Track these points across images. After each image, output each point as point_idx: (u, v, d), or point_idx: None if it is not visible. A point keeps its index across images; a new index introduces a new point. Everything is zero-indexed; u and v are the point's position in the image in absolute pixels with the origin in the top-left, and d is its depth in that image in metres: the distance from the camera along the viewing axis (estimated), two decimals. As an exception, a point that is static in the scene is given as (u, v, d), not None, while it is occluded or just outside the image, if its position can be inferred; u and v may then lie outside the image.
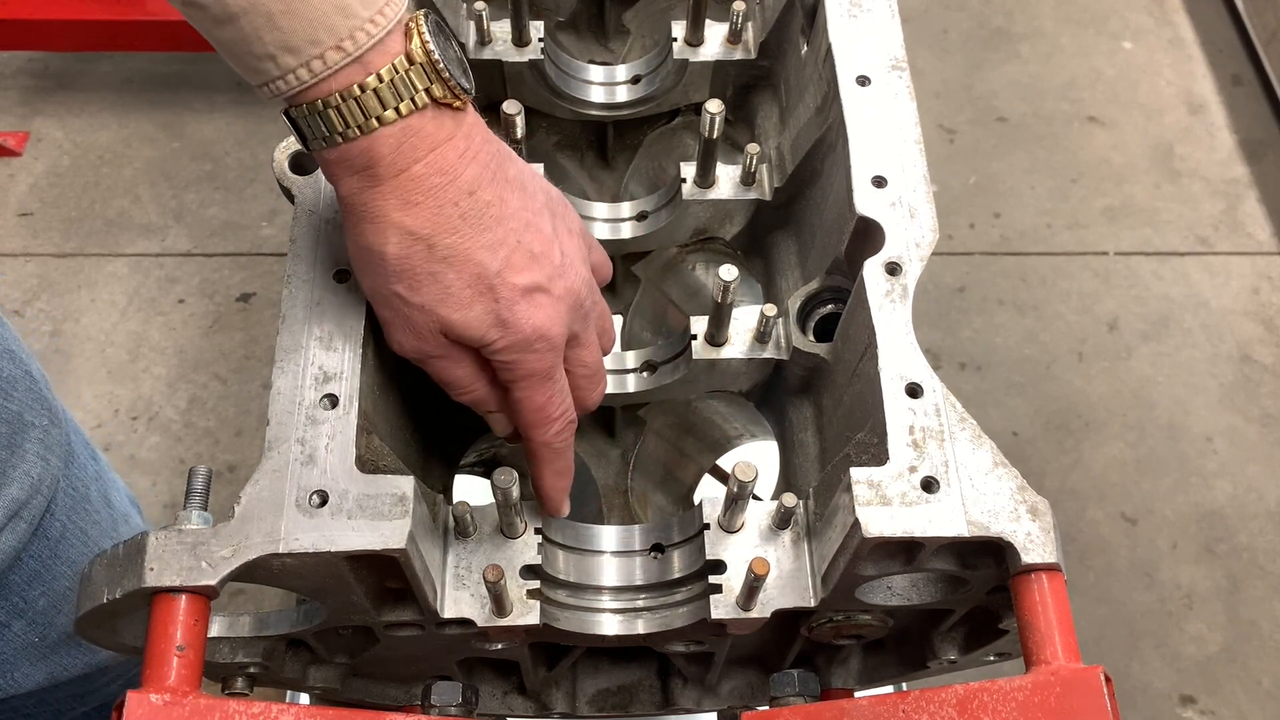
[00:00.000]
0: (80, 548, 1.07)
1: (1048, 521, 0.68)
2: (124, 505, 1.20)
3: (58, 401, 1.05)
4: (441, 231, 0.69)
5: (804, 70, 0.96)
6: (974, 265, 2.59)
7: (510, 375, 0.75)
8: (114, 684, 1.23)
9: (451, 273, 0.70)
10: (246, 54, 0.64)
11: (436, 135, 0.68)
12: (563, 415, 0.78)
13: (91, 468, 1.12)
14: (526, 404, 0.76)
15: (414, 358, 0.76)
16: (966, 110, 2.84)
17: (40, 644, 1.07)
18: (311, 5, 0.62)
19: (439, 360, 0.75)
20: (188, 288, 2.50)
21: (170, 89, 2.81)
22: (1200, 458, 2.34)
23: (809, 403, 0.92)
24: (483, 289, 0.71)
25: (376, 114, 0.65)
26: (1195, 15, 3.05)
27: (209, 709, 0.62)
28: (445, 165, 0.68)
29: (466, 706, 0.80)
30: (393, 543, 0.67)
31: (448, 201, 0.69)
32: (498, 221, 0.71)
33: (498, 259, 0.71)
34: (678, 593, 0.80)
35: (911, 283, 0.77)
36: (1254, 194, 2.74)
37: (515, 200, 0.72)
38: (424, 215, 0.68)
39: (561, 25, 1.17)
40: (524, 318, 0.72)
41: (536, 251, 0.73)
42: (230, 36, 0.64)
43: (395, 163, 0.67)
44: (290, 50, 0.63)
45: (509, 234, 0.71)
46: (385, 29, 0.65)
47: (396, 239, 0.69)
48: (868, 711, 0.65)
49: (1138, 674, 2.11)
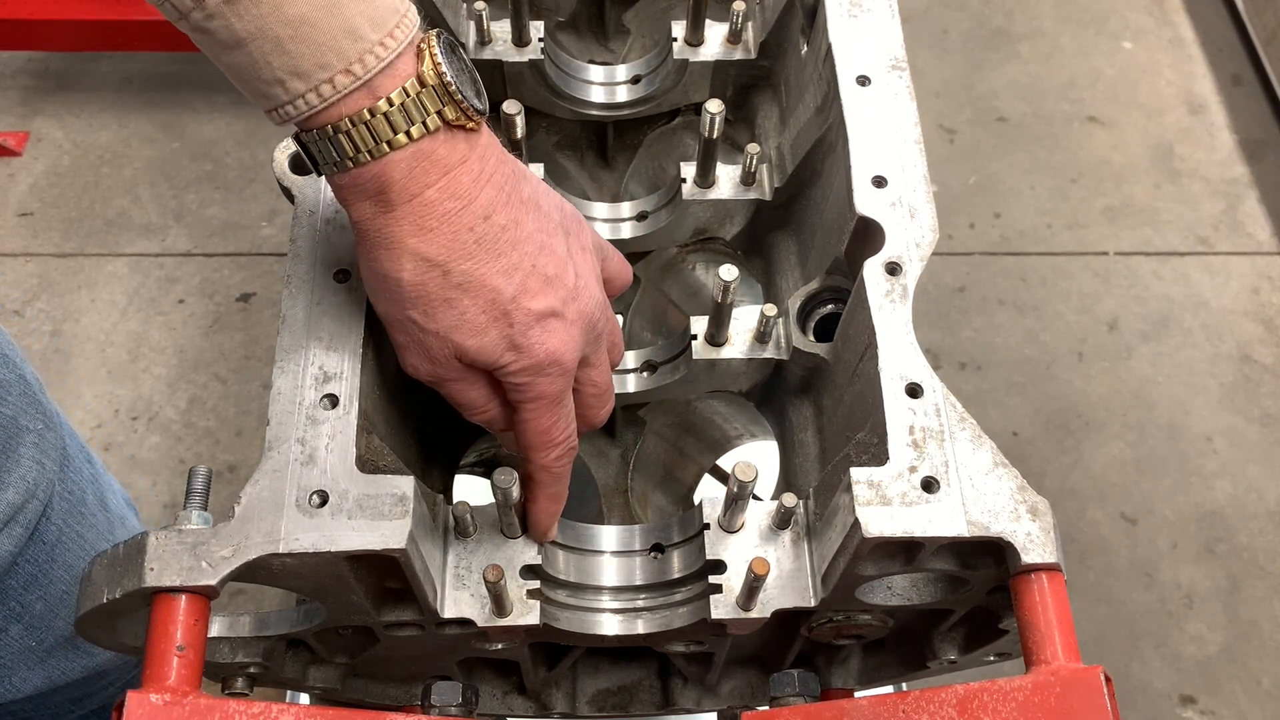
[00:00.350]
0: (77, 551, 1.06)
1: (1048, 521, 0.68)
2: (120, 508, 1.19)
3: (53, 405, 1.05)
4: (457, 258, 0.68)
5: (804, 70, 0.96)
6: (974, 265, 2.59)
7: (520, 396, 0.74)
8: (111, 687, 1.23)
9: (467, 299, 0.69)
10: (254, 79, 0.63)
11: (450, 159, 0.67)
12: (565, 440, 0.78)
13: (87, 471, 1.11)
14: (532, 426, 0.76)
15: (429, 381, 0.75)
16: (966, 110, 2.84)
17: (38, 648, 1.06)
18: (320, 30, 0.61)
19: (454, 384, 0.75)
20: (188, 288, 2.50)
21: (170, 89, 2.81)
22: (1200, 458, 2.34)
23: (809, 403, 0.92)
24: (497, 315, 0.70)
25: (388, 138, 0.64)
26: (1195, 15, 3.05)
27: (209, 709, 0.62)
28: (459, 190, 0.68)
29: (466, 706, 0.80)
30: (393, 543, 0.67)
31: (463, 227, 0.68)
32: (513, 246, 0.70)
33: (513, 284, 0.70)
34: (678, 593, 0.80)
35: (911, 283, 0.77)
36: (1254, 194, 2.74)
37: (530, 222, 0.72)
38: (439, 241, 0.68)
39: (561, 25, 1.17)
40: (538, 343, 0.72)
41: (551, 275, 0.72)
42: (238, 61, 0.63)
43: (408, 188, 0.66)
44: (299, 75, 0.63)
45: (524, 258, 0.71)
46: (395, 51, 0.64)
47: (412, 265, 0.68)
48: (868, 711, 0.65)
49: (1138, 674, 2.10)
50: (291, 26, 0.61)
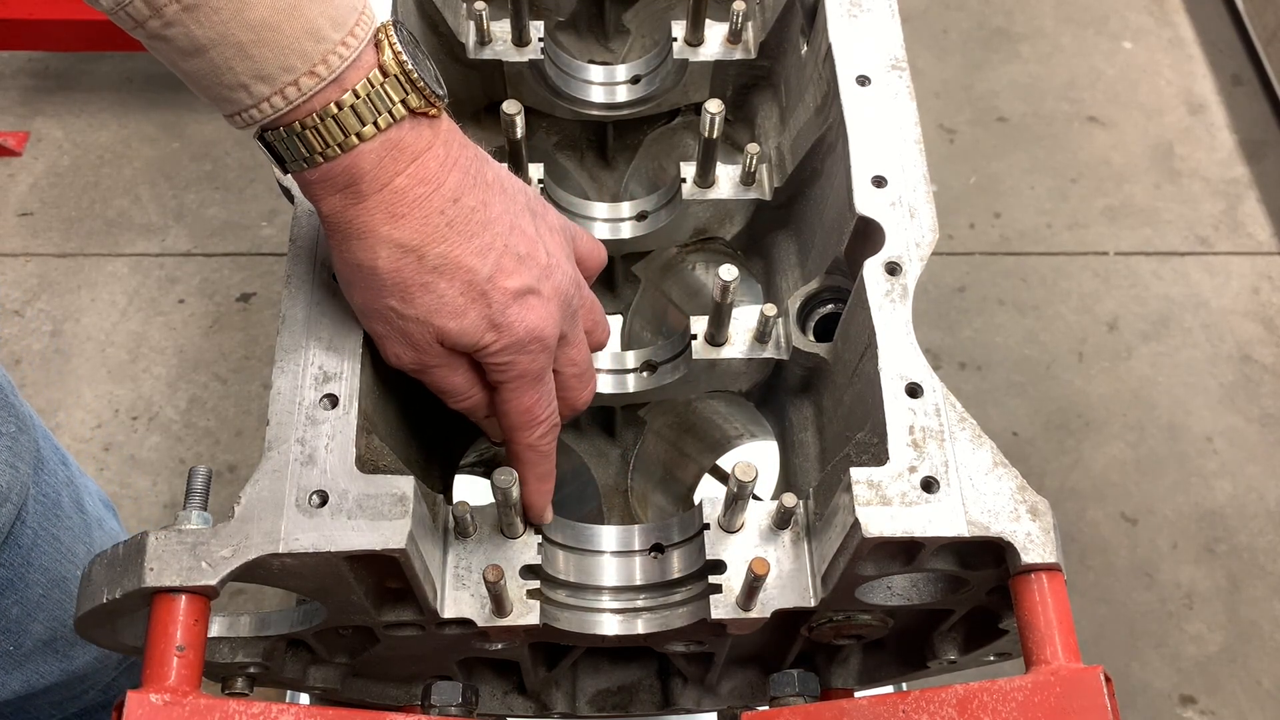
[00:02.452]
0: (53, 554, 1.05)
1: (1048, 521, 0.68)
2: (98, 509, 1.18)
3: (26, 406, 1.04)
4: (431, 241, 0.69)
5: (804, 70, 0.96)
6: (974, 265, 2.59)
7: (502, 376, 0.75)
8: (91, 690, 1.22)
9: (444, 282, 0.70)
10: (216, 84, 0.63)
11: (416, 145, 0.67)
12: (548, 418, 0.78)
13: (62, 473, 1.10)
14: (514, 405, 0.76)
15: (411, 369, 0.76)
16: (966, 110, 2.84)
17: (15, 652, 1.05)
18: (282, 33, 0.61)
19: (436, 370, 0.75)
20: (188, 288, 2.50)
21: (170, 89, 2.81)
22: (1200, 458, 2.34)
23: (809, 403, 0.92)
24: (475, 295, 0.71)
25: (356, 130, 0.65)
26: (1195, 15, 3.05)
27: (209, 709, 0.62)
28: (428, 175, 0.68)
29: (466, 706, 0.80)
30: (393, 543, 0.67)
31: (434, 210, 0.68)
32: (484, 227, 0.71)
33: (487, 264, 0.71)
34: (677, 593, 0.80)
35: (911, 283, 0.77)
36: (1254, 194, 2.74)
37: (498, 204, 0.72)
38: (412, 226, 0.68)
39: (561, 25, 1.17)
40: (517, 320, 0.72)
41: (523, 253, 0.73)
42: (198, 68, 0.62)
43: (378, 177, 0.67)
44: (263, 79, 0.62)
45: (496, 238, 0.71)
46: (357, 50, 0.64)
47: (387, 253, 0.68)
48: (868, 711, 0.65)
49: (1138, 674, 2.10)
50: (253, 31, 0.61)
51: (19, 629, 1.04)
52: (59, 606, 1.07)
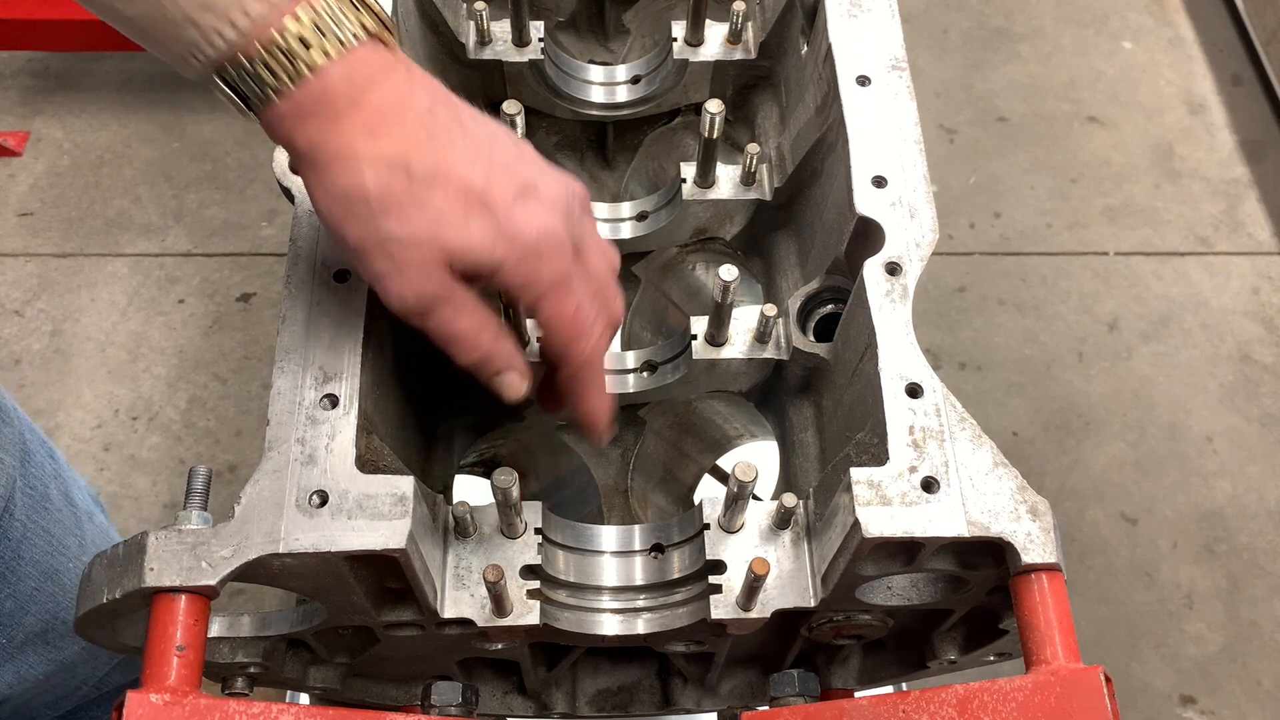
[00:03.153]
0: (43, 547, 1.04)
1: (1048, 521, 0.68)
2: (86, 503, 1.17)
3: (9, 399, 1.03)
4: (415, 152, 0.66)
5: (804, 70, 0.96)
6: (974, 265, 2.59)
7: (532, 294, 0.71)
8: (85, 686, 1.22)
9: (438, 192, 0.67)
10: (163, 24, 0.61)
11: (381, 65, 0.66)
12: (599, 320, 0.74)
13: (49, 466, 1.09)
14: (559, 318, 0.72)
15: (416, 308, 0.70)
16: (966, 110, 2.84)
17: (8, 645, 1.05)
18: None
19: (443, 307, 0.70)
20: (188, 288, 2.50)
21: (170, 89, 2.81)
22: (1200, 458, 2.34)
23: (809, 403, 0.92)
24: (474, 203, 0.67)
25: (319, 49, 0.63)
26: (1195, 15, 3.04)
27: (209, 709, 0.62)
28: (398, 90, 0.66)
29: (466, 706, 0.80)
30: (393, 543, 0.67)
31: (412, 121, 0.66)
32: (464, 134, 0.69)
33: (479, 170, 0.68)
34: (678, 593, 0.80)
35: (911, 283, 0.77)
36: (1254, 194, 2.73)
37: (468, 118, 0.70)
38: (393, 139, 0.66)
39: (561, 25, 1.17)
40: (525, 225, 0.69)
41: (509, 162, 0.70)
42: (141, 11, 0.61)
43: (349, 94, 0.65)
44: (208, 8, 0.60)
45: (479, 144, 0.69)
46: None
47: (372, 170, 0.66)
48: (868, 711, 0.65)
49: (1138, 674, 2.10)
50: None
51: (12, 622, 1.04)
52: (51, 599, 1.06)
